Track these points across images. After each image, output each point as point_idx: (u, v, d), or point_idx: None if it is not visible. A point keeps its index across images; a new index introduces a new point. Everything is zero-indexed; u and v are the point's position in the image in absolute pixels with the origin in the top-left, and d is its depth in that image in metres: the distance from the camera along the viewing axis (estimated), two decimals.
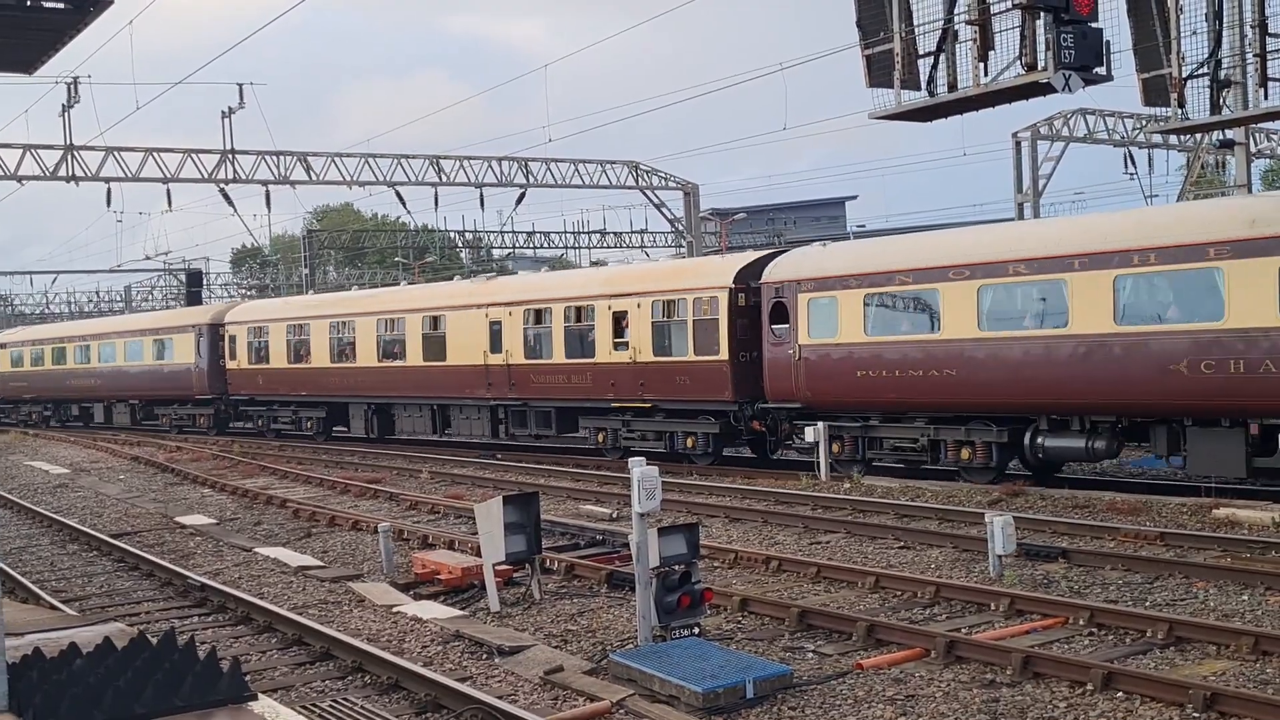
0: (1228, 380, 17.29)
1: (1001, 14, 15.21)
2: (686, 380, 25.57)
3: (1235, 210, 18.20)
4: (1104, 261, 18.74)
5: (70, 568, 17.10)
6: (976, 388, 20.61)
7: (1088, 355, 19.07)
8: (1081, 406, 19.52)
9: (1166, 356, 17.99)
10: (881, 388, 22.06)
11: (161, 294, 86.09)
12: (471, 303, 31.42)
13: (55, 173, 37.28)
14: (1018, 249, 20.30)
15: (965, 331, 20.67)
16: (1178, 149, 44.51)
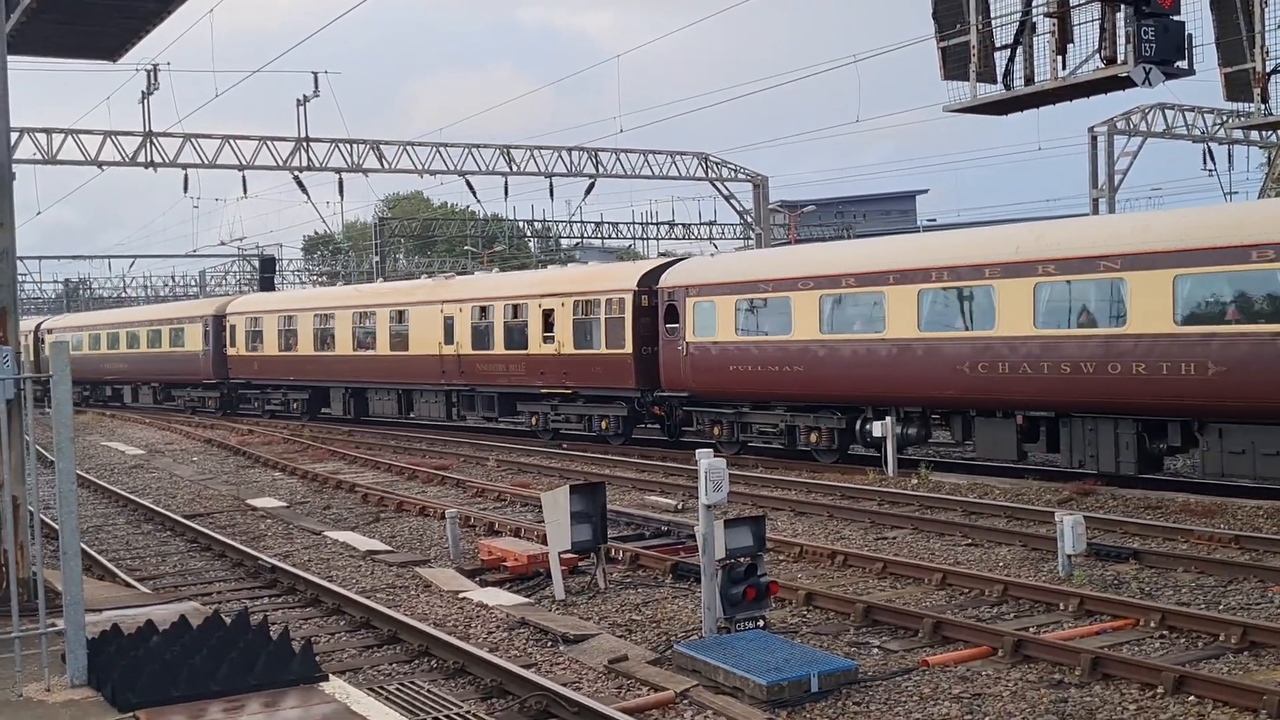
0: (998, 378, 20.82)
1: (1081, 6, 15.01)
2: (600, 370, 29.27)
3: (1005, 238, 21.97)
4: (911, 278, 22.33)
5: (145, 547, 17.44)
6: (820, 382, 24.16)
7: (899, 356, 22.52)
8: (896, 399, 23.02)
9: (955, 358, 21.39)
10: (749, 380, 25.52)
11: (235, 279, 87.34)
12: (430, 299, 35.47)
13: (134, 159, 37.93)
14: (849, 264, 23.99)
15: (811, 334, 24.15)
16: (1259, 145, 43.67)
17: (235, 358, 44.69)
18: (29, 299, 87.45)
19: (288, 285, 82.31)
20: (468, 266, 76.20)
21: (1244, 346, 17.58)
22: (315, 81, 37.97)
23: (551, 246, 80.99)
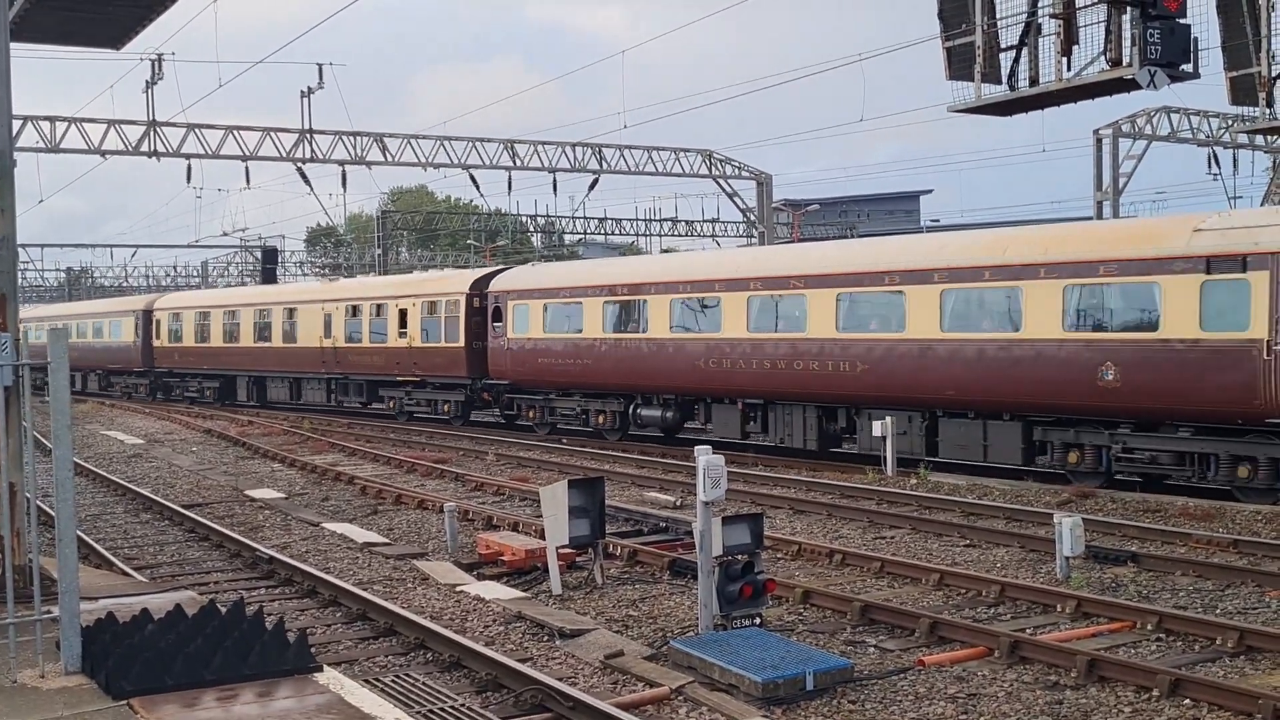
0: (724, 372, 26.22)
1: (1087, 8, 14.99)
2: (441, 361, 34.79)
3: (729, 260, 27.95)
4: (665, 289, 28.02)
5: (142, 536, 17.44)
6: (604, 374, 29.43)
7: (657, 353, 27.91)
8: (656, 388, 28.39)
9: (695, 355, 26.82)
10: (555, 371, 30.87)
11: (238, 270, 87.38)
12: (314, 299, 41.39)
13: (138, 148, 37.90)
14: (623, 277, 29.68)
15: (596, 333, 29.48)
16: (1264, 150, 43.57)
17: (160, 349, 50.21)
18: (30, 287, 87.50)
19: (290, 277, 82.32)
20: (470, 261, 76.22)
21: (880, 349, 23.13)
22: (320, 73, 37.92)
23: (555, 242, 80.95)
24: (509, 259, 74.19)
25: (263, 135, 39.75)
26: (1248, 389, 17.86)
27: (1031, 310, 20.52)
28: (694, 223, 62.93)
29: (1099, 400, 19.75)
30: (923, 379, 22.20)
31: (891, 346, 22.83)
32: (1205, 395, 18.40)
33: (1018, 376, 20.78)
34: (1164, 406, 19.08)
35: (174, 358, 49.34)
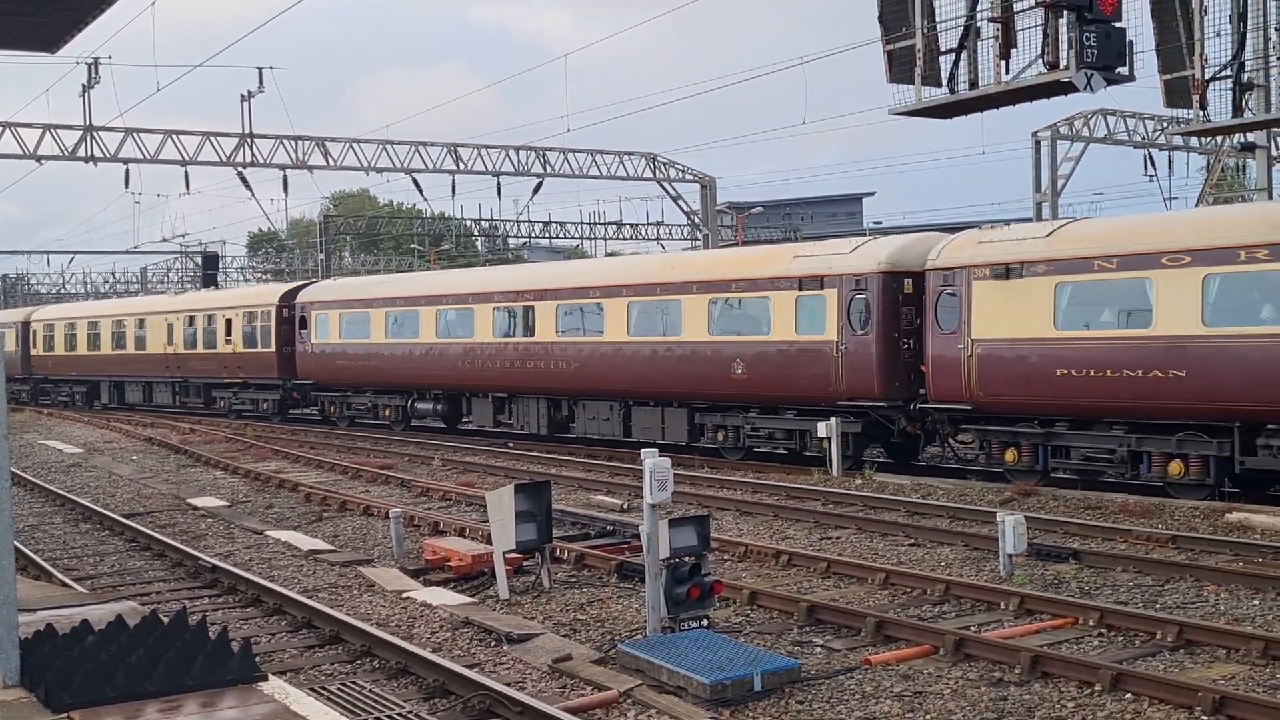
0: (478, 370, 31.22)
1: (1024, 12, 15.16)
2: (258, 365, 40.15)
3: (488, 276, 33.36)
4: (431, 301, 33.04)
5: (82, 547, 17.18)
6: (388, 373, 34.86)
7: (427, 354, 32.97)
8: (429, 385, 33.60)
9: (458, 357, 31.72)
10: (349, 372, 36.33)
11: (178, 276, 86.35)
12: (160, 310, 46.65)
13: (74, 153, 37.37)
14: (401, 290, 35.37)
15: (380, 339, 34.93)
16: (1199, 151, 44.28)
17: (36, 357, 55.35)
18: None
19: (232, 283, 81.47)
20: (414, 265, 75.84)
21: (587, 350, 28.04)
22: (260, 77, 37.58)
23: (499, 246, 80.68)
24: (454, 263, 73.88)
25: (202, 139, 39.34)
26: (826, 379, 23.20)
27: (688, 319, 25.67)
28: (639, 226, 63.02)
29: (734, 389, 24.91)
30: (617, 375, 27.38)
31: (595, 348, 28.01)
32: (801, 384, 23.71)
33: (680, 372, 25.93)
34: (776, 394, 24.33)
35: (48, 365, 54.84)
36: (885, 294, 22.53)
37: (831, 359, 23.02)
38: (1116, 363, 18.97)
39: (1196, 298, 17.90)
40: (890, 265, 22.73)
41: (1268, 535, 15.58)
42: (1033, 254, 20.28)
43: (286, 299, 39.04)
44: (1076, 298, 19.90)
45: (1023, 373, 20.33)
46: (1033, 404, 20.39)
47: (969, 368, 21.00)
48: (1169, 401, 18.43)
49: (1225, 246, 17.62)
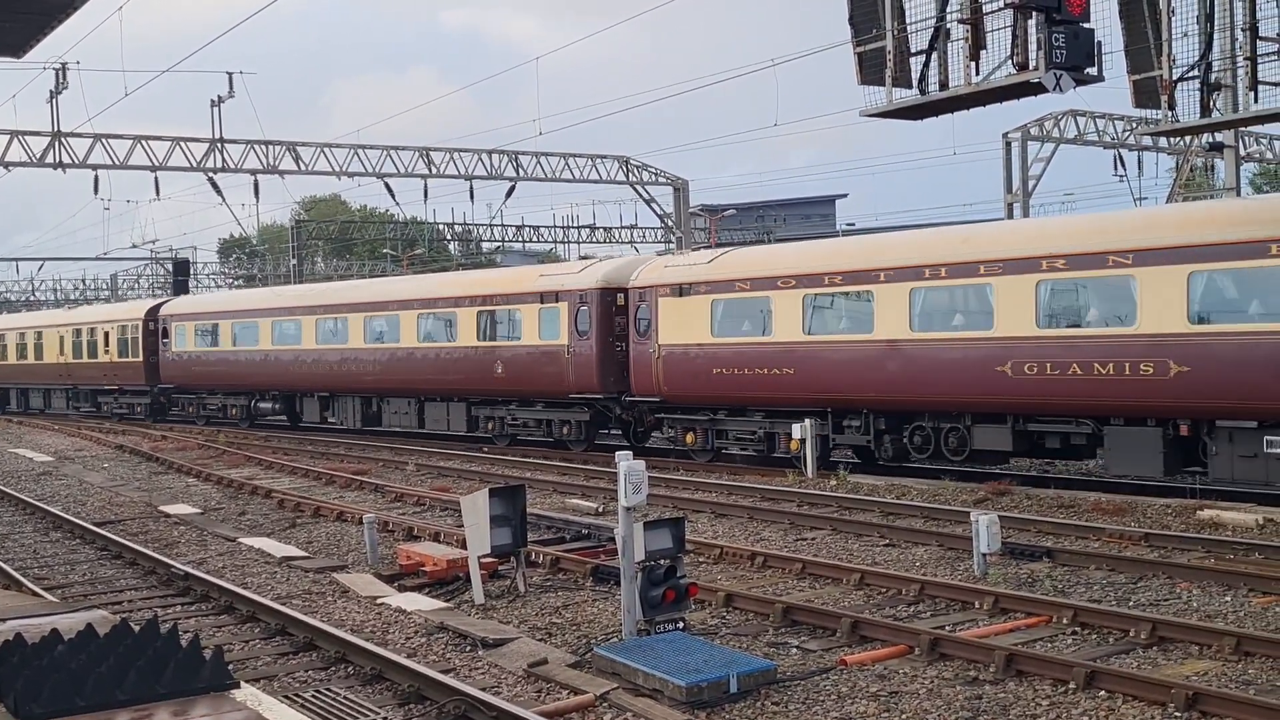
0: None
1: (994, 13, 15.19)
2: (129, 372, 45.10)
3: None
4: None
5: (53, 555, 17.04)
6: (235, 377, 40.05)
7: (265, 359, 38.27)
8: (269, 387, 38.86)
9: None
10: (203, 376, 41.60)
11: (148, 283, 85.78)
12: (56, 324, 51.98)
13: (42, 159, 37.13)
14: (242, 303, 41.78)
15: (228, 346, 40.21)
16: (1168, 151, 44.62)
17: None
18: None
19: (203, 289, 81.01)
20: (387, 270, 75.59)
21: (387, 355, 33.25)
22: (230, 82, 37.47)
23: (472, 250, 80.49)
24: (426, 267, 73.66)
25: (172, 145, 39.14)
26: (561, 376, 27.88)
27: (462, 328, 30.80)
28: (612, 229, 63.01)
29: (497, 386, 29.84)
30: (411, 376, 32.41)
31: (394, 354, 32.96)
32: (543, 381, 28.47)
33: (458, 372, 30.77)
34: (527, 389, 29.31)
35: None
36: (601, 307, 27.29)
37: (564, 360, 27.97)
38: (751, 363, 23.99)
39: (798, 311, 23.19)
40: (605, 283, 27.41)
41: (1239, 532, 15.69)
42: (699, 276, 25.32)
43: (151, 313, 44.58)
44: (726, 311, 24.78)
45: (693, 371, 25.21)
46: (701, 396, 25.33)
47: (657, 367, 25.86)
48: (785, 393, 23.42)
49: (813, 273, 23.19)
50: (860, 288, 22.34)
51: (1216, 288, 18.07)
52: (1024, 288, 19.79)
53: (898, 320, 21.54)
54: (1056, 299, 19.86)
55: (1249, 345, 17.31)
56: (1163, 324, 18.13)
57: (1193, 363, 17.84)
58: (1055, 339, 19.52)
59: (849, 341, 22.50)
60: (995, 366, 20.17)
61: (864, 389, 22.35)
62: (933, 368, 21.16)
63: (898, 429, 22.39)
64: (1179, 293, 17.87)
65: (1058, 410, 19.82)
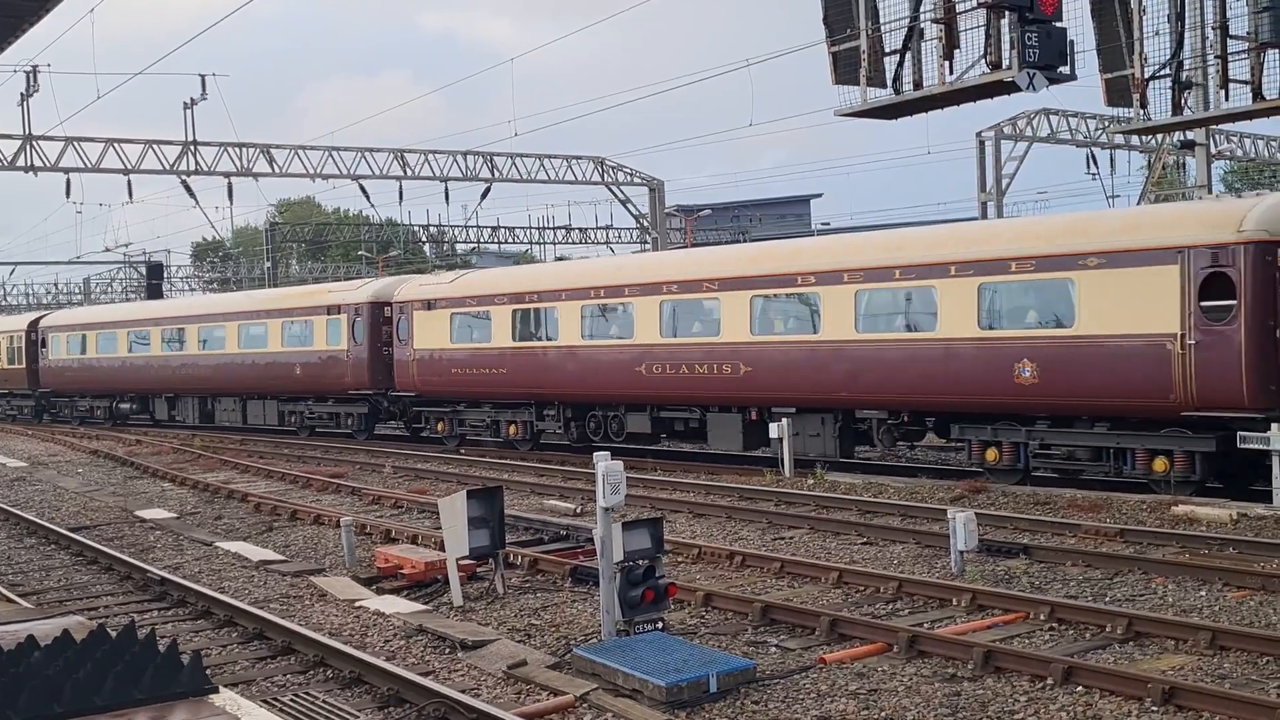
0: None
1: (967, 13, 15.27)
2: (17, 378, 50.46)
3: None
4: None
5: (28, 561, 16.92)
6: (98, 381, 45.50)
7: (123, 366, 43.98)
8: (129, 390, 44.24)
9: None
10: (76, 380, 47.05)
11: (121, 286, 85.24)
12: None
13: (13, 163, 36.86)
14: (102, 316, 47.98)
15: (93, 354, 45.62)
16: (1140, 150, 44.90)
17: None
18: None
19: (177, 292, 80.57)
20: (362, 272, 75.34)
21: (214, 361, 38.98)
22: (203, 84, 37.29)
23: (447, 251, 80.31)
24: (401, 269, 73.49)
25: (145, 148, 38.93)
26: (343, 376, 33.85)
27: (271, 336, 36.69)
28: (587, 229, 62.98)
29: (298, 386, 35.84)
30: (235, 379, 38.38)
31: (220, 359, 39.03)
32: (330, 381, 34.46)
33: (270, 374, 36.70)
34: (318, 388, 34.87)
35: None
36: (373, 317, 32.97)
37: (345, 362, 33.67)
38: (478, 364, 29.48)
39: (509, 323, 28.71)
40: (375, 298, 33.26)
41: (1213, 527, 15.80)
42: (442, 294, 30.91)
43: (33, 325, 49.88)
44: (461, 323, 30.21)
45: (438, 371, 30.61)
46: (446, 392, 30.72)
47: (414, 368, 31.30)
48: (503, 389, 29.05)
49: (520, 293, 28.67)
50: (549, 305, 28.00)
51: (769, 308, 23.73)
52: (652, 305, 25.46)
53: (573, 330, 27.17)
54: (673, 314, 25.29)
55: (784, 350, 23.08)
56: (736, 335, 23.80)
57: (753, 364, 23.43)
58: (672, 345, 25.10)
59: (543, 347, 28.05)
60: (635, 367, 25.70)
61: (555, 386, 27.81)
62: (597, 368, 26.68)
63: (581, 417, 27.87)
64: (745, 311, 23.64)
65: (677, 401, 25.50)
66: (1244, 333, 17.37)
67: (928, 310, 21.04)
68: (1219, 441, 17.77)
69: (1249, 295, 17.34)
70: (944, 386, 20.69)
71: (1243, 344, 17.38)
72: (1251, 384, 17.31)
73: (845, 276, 22.08)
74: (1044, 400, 19.51)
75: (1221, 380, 17.48)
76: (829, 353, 22.31)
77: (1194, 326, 17.74)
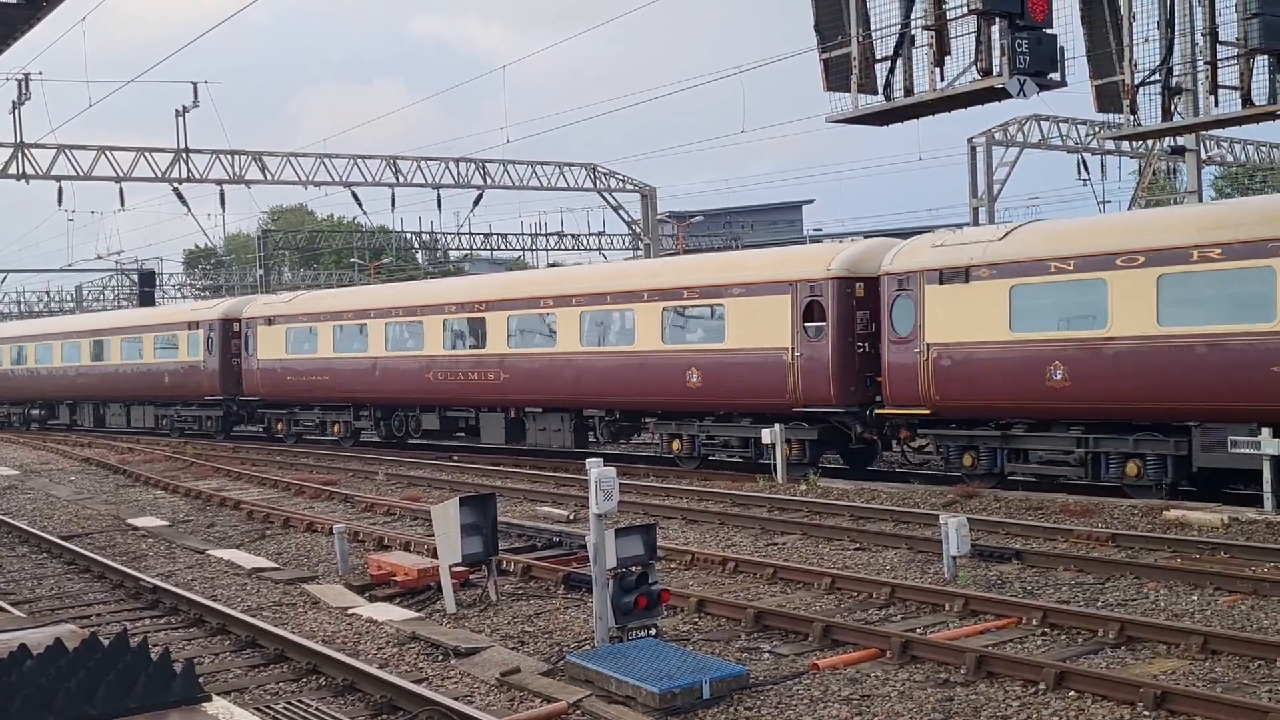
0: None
1: (958, 19, 15.32)
2: None
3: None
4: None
5: (19, 570, 16.87)
6: (33, 390, 50.22)
7: (66, 374, 47.16)
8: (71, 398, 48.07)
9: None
10: (23, 388, 51.00)
11: (114, 294, 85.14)
12: None
13: (5, 171, 36.79)
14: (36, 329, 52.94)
15: (5, 365, 51.73)
16: (1130, 155, 44.97)
17: None
18: None
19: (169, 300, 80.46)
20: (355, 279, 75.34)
21: (101, 370, 44.23)
22: (195, 92, 37.22)
23: (439, 258, 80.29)
24: (394, 276, 73.49)
25: (137, 155, 38.89)
26: (200, 384, 39.82)
27: (146, 348, 42.08)
28: (580, 236, 62.98)
29: (167, 392, 41.21)
30: (119, 386, 43.87)
31: (105, 369, 44.34)
32: (191, 388, 39.99)
33: (145, 383, 42.18)
34: (181, 395, 40.77)
35: None
36: (224, 332, 38.60)
37: (203, 372, 39.30)
38: (307, 372, 34.81)
39: (331, 337, 34.09)
40: (225, 315, 39.02)
41: (1204, 531, 15.84)
42: (279, 311, 36.75)
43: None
44: (295, 336, 35.65)
45: (277, 378, 36.38)
46: (284, 396, 36.53)
47: (257, 375, 37.19)
48: (325, 394, 34.63)
49: (337, 311, 34.40)
50: (360, 322, 33.20)
51: (520, 323, 28.63)
52: (437, 323, 30.92)
53: (379, 342, 32.48)
54: (453, 330, 30.58)
55: (531, 360, 28.24)
56: (498, 348, 28.89)
57: (510, 372, 28.55)
58: (451, 356, 30.35)
59: (357, 357, 33.41)
60: (425, 374, 30.92)
61: (367, 391, 33.32)
62: (394, 375, 32.13)
63: (388, 418, 33.35)
64: (504, 327, 28.78)
65: (458, 403, 30.71)
66: (831, 347, 22.16)
67: (629, 327, 25.99)
68: (820, 431, 22.91)
69: (835, 318, 22.14)
70: (639, 389, 25.63)
71: (830, 356, 22.19)
72: (836, 386, 22.17)
73: (574, 300, 27.19)
74: (707, 400, 24.44)
75: (817, 383, 22.33)
76: (563, 362, 27.34)
77: (800, 342, 22.55)
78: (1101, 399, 18.71)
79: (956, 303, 20.41)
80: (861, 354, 22.20)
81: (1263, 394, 17.02)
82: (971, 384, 20.28)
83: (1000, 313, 19.80)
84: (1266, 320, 16.99)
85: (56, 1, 10.71)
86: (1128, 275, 18.30)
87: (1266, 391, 16.96)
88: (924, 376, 20.82)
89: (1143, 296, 18.12)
